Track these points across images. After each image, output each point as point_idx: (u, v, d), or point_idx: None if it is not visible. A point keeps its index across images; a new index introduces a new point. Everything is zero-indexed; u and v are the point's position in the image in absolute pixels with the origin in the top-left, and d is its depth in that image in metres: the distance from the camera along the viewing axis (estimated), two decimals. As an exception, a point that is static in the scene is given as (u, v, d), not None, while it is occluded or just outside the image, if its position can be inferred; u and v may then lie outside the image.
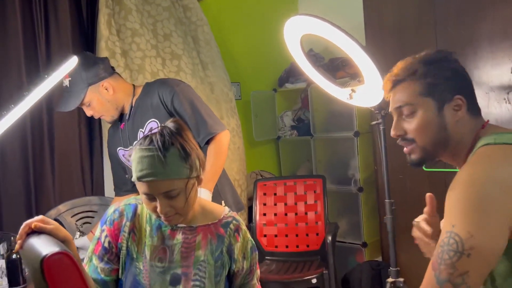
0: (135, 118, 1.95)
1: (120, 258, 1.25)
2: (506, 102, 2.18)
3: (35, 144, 2.36)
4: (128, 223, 1.25)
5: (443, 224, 0.97)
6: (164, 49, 2.78)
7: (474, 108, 1.09)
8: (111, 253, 1.24)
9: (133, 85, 2.03)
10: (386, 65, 1.61)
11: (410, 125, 1.09)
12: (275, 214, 2.87)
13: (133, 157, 1.15)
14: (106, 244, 1.24)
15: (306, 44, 3.72)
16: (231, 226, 1.28)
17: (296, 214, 2.84)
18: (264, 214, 2.88)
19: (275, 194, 2.91)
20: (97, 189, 2.60)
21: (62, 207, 2.45)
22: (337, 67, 3.08)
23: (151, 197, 1.15)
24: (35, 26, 2.33)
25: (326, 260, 2.50)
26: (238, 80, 3.38)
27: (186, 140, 1.16)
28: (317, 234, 2.74)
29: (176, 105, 1.85)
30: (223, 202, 1.90)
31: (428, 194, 1.13)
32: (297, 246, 2.79)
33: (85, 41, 2.55)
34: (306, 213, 2.82)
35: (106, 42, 2.51)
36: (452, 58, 1.10)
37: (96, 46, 2.51)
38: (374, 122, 1.83)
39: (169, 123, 1.19)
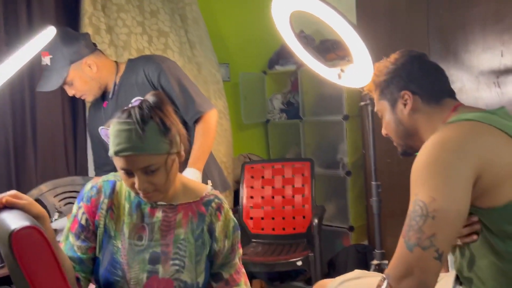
0: (119, 96, 1.88)
1: (97, 236, 1.21)
2: (495, 86, 2.16)
3: (16, 121, 2.30)
4: (106, 200, 1.21)
5: (410, 197, 1.01)
6: (151, 26, 2.71)
7: (434, 96, 1.16)
8: (88, 231, 1.21)
9: (116, 62, 1.95)
10: (377, 47, 1.58)
11: (384, 127, 1.27)
12: (262, 197, 2.84)
13: (111, 131, 1.10)
14: (83, 222, 1.21)
15: (296, 25, 3.64)
16: (213, 204, 1.25)
17: (283, 197, 2.82)
18: (251, 197, 2.85)
19: (262, 177, 2.88)
20: (80, 168, 2.55)
21: (44, 187, 2.40)
22: (328, 49, 3.03)
23: (128, 173, 1.11)
24: (17, 1, 2.24)
25: (312, 243, 2.48)
26: (227, 61, 3.32)
27: (166, 114, 1.12)
28: (304, 217, 2.73)
29: (163, 82, 1.79)
30: (209, 181, 1.86)
31: None
32: (284, 229, 2.78)
33: (69, 17, 2.47)
34: (293, 196, 2.80)
35: (90, 18, 2.44)
36: (395, 61, 1.22)
37: (80, 21, 2.43)
38: (362, 103, 1.80)
39: (149, 97, 1.15)
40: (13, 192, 1.07)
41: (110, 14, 2.53)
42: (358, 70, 1.67)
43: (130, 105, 1.14)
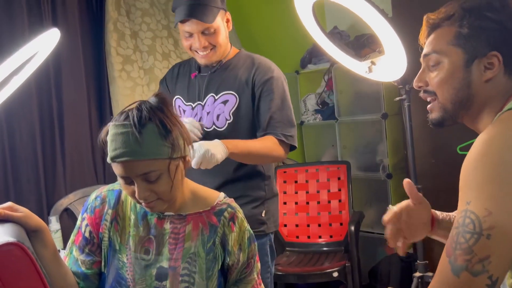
0: (214, 78, 1.63)
1: (102, 250, 1.12)
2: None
3: (44, 131, 2.29)
4: (110, 211, 1.12)
5: (458, 202, 0.81)
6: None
7: None
8: (92, 244, 1.12)
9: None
10: (415, 38, 1.42)
11: (433, 77, 0.95)
12: (296, 203, 2.70)
13: (108, 135, 1.01)
14: (86, 234, 1.12)
15: (330, 21, 3.52)
16: (226, 214, 1.13)
17: (318, 202, 2.67)
18: (285, 203, 2.71)
19: (296, 181, 2.74)
20: (109, 177, 2.52)
21: (73, 196, 2.39)
22: (363, 45, 2.85)
23: (128, 180, 1.01)
24: (41, 5, 2.24)
25: (350, 252, 2.31)
26: (257, 63, 3.21)
27: (167, 115, 1.01)
28: (341, 224, 2.56)
29: (265, 89, 1.58)
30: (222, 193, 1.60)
31: (405, 180, 1.06)
32: (320, 237, 2.62)
33: (93, 23, 2.45)
34: (329, 202, 2.64)
35: (115, 24, 2.41)
36: (502, 7, 0.92)
37: (105, 27, 2.41)
38: (397, 98, 1.62)
39: (151, 98, 1.05)
40: (8, 204, 1.00)
41: (135, 19, 2.49)
42: (390, 61, 1.50)
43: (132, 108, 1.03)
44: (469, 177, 0.79)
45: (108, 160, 1.01)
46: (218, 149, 1.36)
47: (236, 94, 1.60)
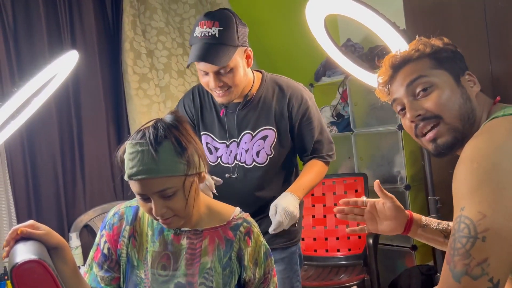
0: (248, 114, 1.57)
1: (121, 266, 1.14)
2: None
3: (64, 149, 2.35)
4: (128, 227, 1.14)
5: (454, 211, 0.81)
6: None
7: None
8: (111, 260, 1.14)
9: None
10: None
11: (430, 101, 0.93)
12: (313, 216, 2.69)
13: (126, 153, 1.04)
14: (105, 251, 1.14)
15: (343, 33, 3.53)
16: (241, 228, 1.14)
17: (336, 215, 2.64)
18: (302, 217, 2.70)
19: (312, 195, 2.73)
20: (127, 193, 2.55)
21: (92, 212, 2.43)
22: (377, 56, 2.85)
23: (145, 198, 1.03)
24: (61, 29, 2.32)
25: (369, 266, 2.28)
26: (272, 77, 3.23)
27: (182, 133, 1.03)
28: (359, 237, 2.54)
29: (305, 120, 1.57)
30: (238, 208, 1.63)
31: (375, 182, 1.16)
32: (338, 250, 2.59)
33: (110, 43, 2.51)
34: (347, 214, 2.62)
35: (131, 43, 2.47)
36: (454, 47, 1.02)
37: (121, 47, 2.47)
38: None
39: (167, 116, 1.07)
40: (30, 222, 1.03)
41: (150, 38, 2.55)
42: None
43: (144, 126, 1.06)
44: (460, 184, 0.80)
45: (126, 178, 1.03)
46: (293, 204, 1.45)
47: (274, 129, 1.57)
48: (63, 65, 1.25)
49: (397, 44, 1.41)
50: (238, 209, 1.20)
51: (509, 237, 0.73)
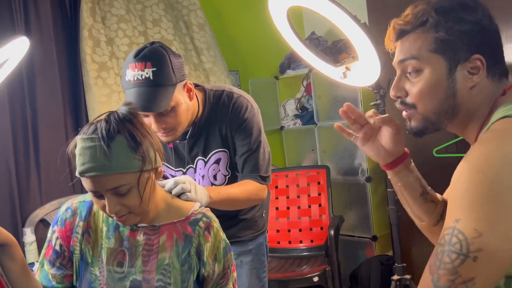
0: (197, 142, 1.49)
1: (74, 263, 1.10)
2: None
3: (17, 139, 2.23)
4: (81, 223, 1.10)
5: (446, 217, 0.77)
6: (154, 35, 2.63)
7: (497, 71, 0.86)
8: (63, 257, 1.09)
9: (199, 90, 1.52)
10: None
11: (413, 87, 0.88)
12: (277, 208, 2.70)
13: (76, 148, 0.99)
14: (57, 247, 1.10)
15: (308, 26, 3.53)
16: (201, 223, 1.11)
17: (299, 207, 2.67)
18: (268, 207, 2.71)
19: (276, 187, 2.74)
20: (86, 186, 2.47)
21: (49, 206, 2.33)
22: (340, 50, 2.88)
23: (98, 195, 0.99)
24: (13, 15, 2.19)
25: (330, 257, 2.32)
26: (236, 69, 3.21)
27: (136, 127, 0.99)
28: (321, 228, 2.57)
29: (241, 134, 1.48)
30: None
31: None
32: (301, 242, 2.62)
33: (68, 30, 2.41)
34: (309, 206, 2.65)
35: (90, 31, 2.37)
36: (476, 5, 0.86)
37: (79, 34, 2.37)
38: (372, 103, 1.63)
39: (120, 107, 1.03)
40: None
41: (110, 26, 2.46)
42: (364, 67, 1.52)
43: (96, 119, 1.02)
44: (461, 193, 0.74)
45: (77, 174, 0.98)
46: (199, 189, 1.26)
47: (225, 150, 1.50)
48: (14, 51, 1.18)
49: (358, 37, 1.42)
50: (198, 204, 1.18)
51: (500, 260, 0.70)
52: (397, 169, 1.04)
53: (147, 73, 1.28)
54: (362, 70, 1.54)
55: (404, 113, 0.92)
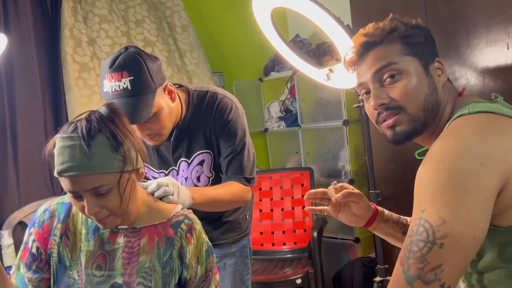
0: (180, 143, 1.47)
1: (51, 266, 1.07)
2: (503, 82, 1.99)
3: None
4: (59, 225, 1.07)
5: (413, 210, 0.81)
6: (137, 36, 2.60)
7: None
8: (39, 261, 1.07)
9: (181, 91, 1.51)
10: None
11: (396, 90, 0.91)
12: (261, 210, 2.69)
13: (55, 148, 0.97)
14: (34, 250, 1.07)
15: (292, 29, 3.54)
16: (183, 225, 1.10)
17: (282, 209, 2.67)
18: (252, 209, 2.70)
19: (260, 189, 2.73)
20: (66, 188, 2.42)
21: (27, 209, 2.28)
22: (324, 52, 2.90)
23: (77, 195, 0.96)
24: (-8, 14, 2.15)
25: (313, 258, 2.32)
26: (221, 70, 3.20)
27: (118, 126, 0.97)
28: (305, 231, 2.57)
29: (225, 135, 1.46)
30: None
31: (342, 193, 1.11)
32: (284, 244, 2.62)
33: (49, 29, 2.36)
34: (293, 208, 2.65)
35: (71, 30, 2.34)
36: (419, 25, 0.99)
37: (60, 34, 2.33)
38: (355, 105, 1.64)
39: (101, 107, 1.01)
40: None
41: (92, 26, 2.43)
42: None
43: (77, 118, 1.00)
44: (424, 184, 0.78)
45: (55, 174, 0.96)
46: (185, 195, 1.24)
47: (209, 151, 1.48)
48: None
49: (341, 39, 1.42)
50: (180, 206, 1.16)
51: (466, 245, 0.72)
52: (373, 226, 1.15)
53: (124, 83, 1.25)
54: (345, 72, 1.55)
55: (388, 121, 0.93)
